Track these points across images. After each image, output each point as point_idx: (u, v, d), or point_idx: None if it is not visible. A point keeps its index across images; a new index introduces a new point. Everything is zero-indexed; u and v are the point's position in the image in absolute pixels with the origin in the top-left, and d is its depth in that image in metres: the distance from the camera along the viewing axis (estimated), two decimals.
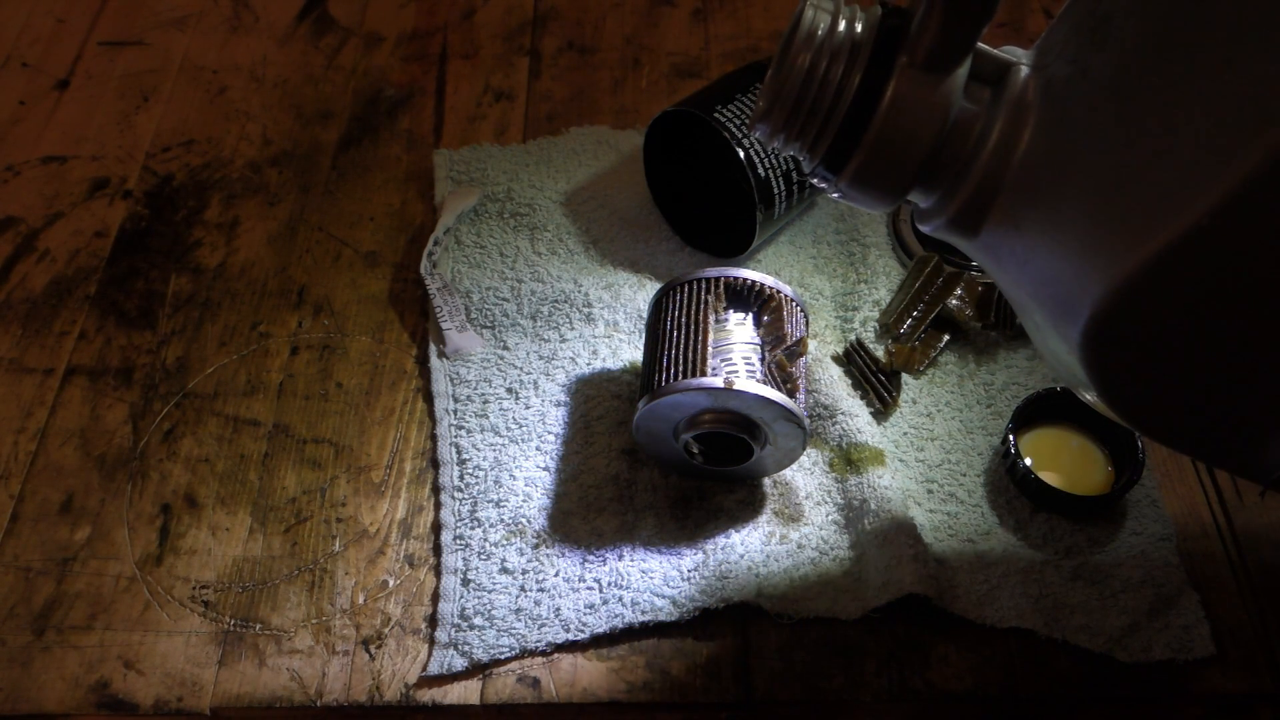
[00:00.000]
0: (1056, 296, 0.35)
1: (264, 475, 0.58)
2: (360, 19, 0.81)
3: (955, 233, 0.39)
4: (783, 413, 0.51)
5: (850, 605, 0.52)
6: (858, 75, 0.38)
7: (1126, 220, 0.32)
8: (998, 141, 0.37)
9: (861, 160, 0.38)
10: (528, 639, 0.51)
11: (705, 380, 0.50)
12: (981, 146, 0.37)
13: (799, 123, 0.39)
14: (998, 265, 0.39)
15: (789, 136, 0.40)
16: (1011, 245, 0.38)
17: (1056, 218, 0.35)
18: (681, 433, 0.53)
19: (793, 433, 0.52)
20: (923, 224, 0.41)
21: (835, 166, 0.39)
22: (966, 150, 0.38)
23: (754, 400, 0.50)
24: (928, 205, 0.40)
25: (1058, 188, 0.36)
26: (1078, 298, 0.34)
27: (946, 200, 0.39)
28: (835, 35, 0.38)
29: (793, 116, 0.39)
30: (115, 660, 0.52)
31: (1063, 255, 0.35)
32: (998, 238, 0.38)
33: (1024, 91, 0.37)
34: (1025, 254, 0.37)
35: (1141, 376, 0.35)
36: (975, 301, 0.61)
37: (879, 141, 0.38)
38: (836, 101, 0.38)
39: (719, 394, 0.50)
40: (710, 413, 0.52)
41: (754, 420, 0.51)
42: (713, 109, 0.60)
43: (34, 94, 0.77)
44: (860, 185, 0.39)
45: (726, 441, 0.53)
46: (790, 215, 0.65)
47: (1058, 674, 0.50)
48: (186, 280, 0.66)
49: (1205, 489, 0.57)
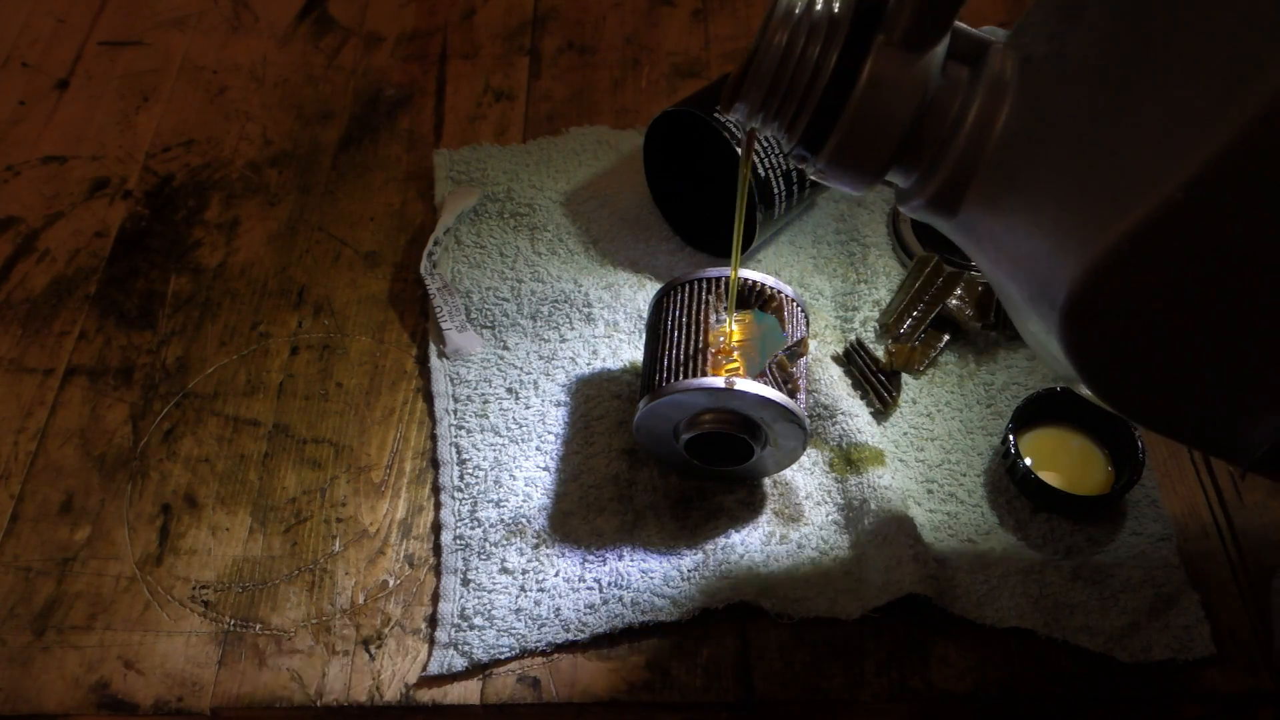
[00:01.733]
0: (1034, 275, 0.35)
1: (264, 475, 0.58)
2: (360, 19, 0.81)
3: (934, 213, 0.39)
4: (783, 413, 0.51)
5: (850, 605, 0.52)
6: (835, 53, 0.37)
7: (1103, 196, 0.32)
8: (975, 120, 0.37)
9: (839, 139, 0.38)
10: (528, 639, 0.51)
11: (706, 380, 0.51)
12: (959, 125, 0.37)
13: (777, 101, 0.39)
14: (977, 246, 0.39)
15: (767, 115, 0.40)
16: (990, 225, 0.37)
17: (1034, 196, 0.35)
18: (682, 433, 0.53)
19: (793, 433, 0.52)
20: (903, 204, 0.40)
21: (814, 145, 0.39)
22: (944, 129, 0.38)
23: (754, 400, 0.50)
24: (906, 185, 0.40)
25: (1035, 165, 0.35)
26: (1056, 276, 0.33)
27: (925, 180, 0.39)
28: (813, 13, 0.38)
29: (770, 95, 0.39)
30: (115, 660, 0.52)
31: (1040, 233, 0.35)
32: (976, 217, 0.38)
33: (1001, 70, 0.37)
34: (1003, 233, 0.37)
35: (1119, 354, 0.35)
36: (975, 301, 0.61)
37: (856, 120, 0.37)
38: (814, 80, 0.38)
39: (719, 394, 0.50)
40: (710, 413, 0.52)
41: (754, 420, 0.51)
42: (713, 109, 0.60)
43: (34, 94, 0.77)
44: (838, 164, 0.39)
45: (727, 441, 0.53)
46: (790, 215, 0.65)
47: (1058, 674, 0.50)
48: (186, 280, 0.66)
49: (1205, 489, 0.57)
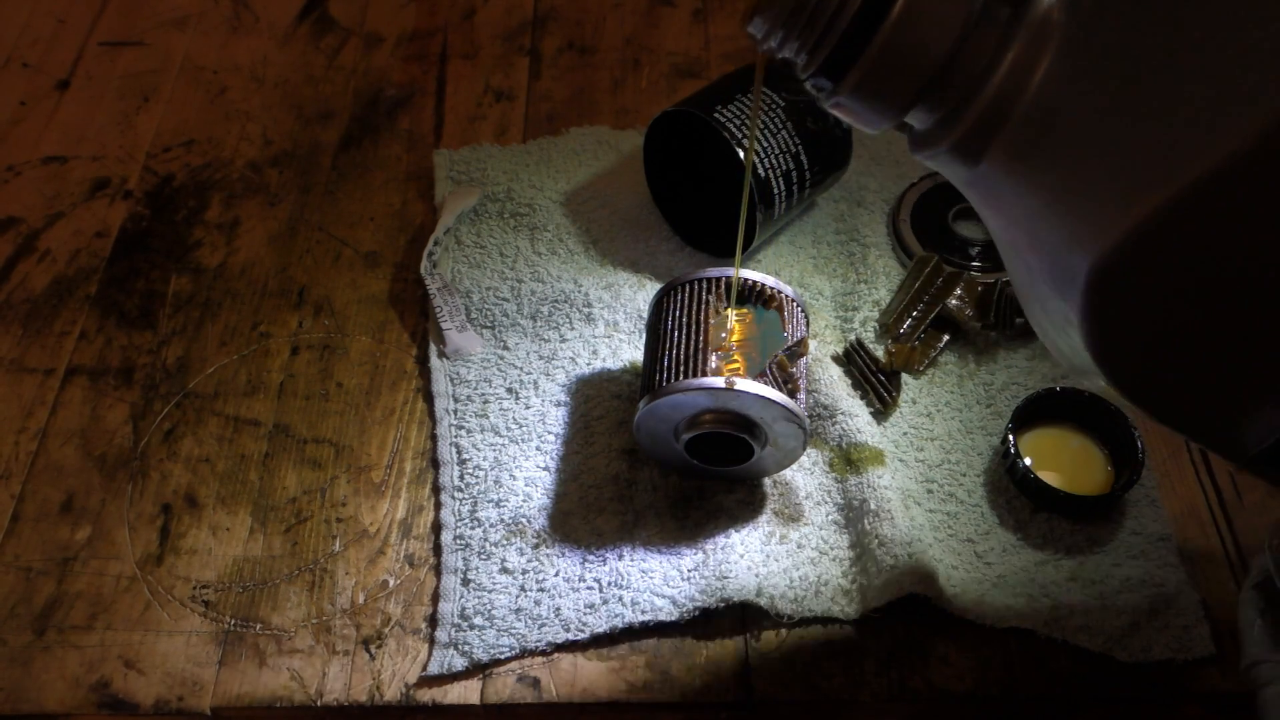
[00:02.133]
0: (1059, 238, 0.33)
1: (264, 475, 0.58)
2: (360, 19, 0.81)
3: (955, 160, 0.37)
4: (783, 413, 0.51)
5: (850, 605, 0.52)
6: None
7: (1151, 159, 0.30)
8: (1014, 63, 0.34)
9: (865, 70, 0.35)
10: (527, 639, 0.51)
11: (706, 380, 0.51)
12: (995, 67, 0.35)
13: (804, 17, 0.36)
14: (995, 204, 0.37)
15: (789, 33, 0.37)
16: (1015, 180, 0.35)
17: (1070, 152, 0.33)
18: (682, 433, 0.53)
19: (793, 433, 0.52)
20: (919, 151, 0.38)
21: (835, 75, 0.36)
22: (978, 70, 0.35)
23: (754, 400, 0.50)
24: (926, 127, 0.38)
25: (1076, 119, 0.33)
26: (1083, 242, 0.32)
27: (949, 124, 0.36)
28: None
29: (795, 14, 0.36)
30: (116, 660, 0.52)
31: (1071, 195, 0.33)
32: (1000, 170, 0.36)
33: (1048, 12, 0.34)
34: (1028, 190, 0.35)
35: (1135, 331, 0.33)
36: (975, 301, 0.61)
37: (887, 49, 0.35)
38: (844, 2, 0.35)
39: (719, 394, 0.50)
40: (711, 413, 0.52)
41: (754, 420, 0.51)
42: (713, 109, 0.60)
43: (34, 94, 0.77)
44: (861, 97, 0.36)
45: (727, 442, 0.53)
46: (790, 215, 0.65)
47: (1058, 674, 0.50)
48: (187, 280, 0.66)
49: (1205, 489, 0.57)
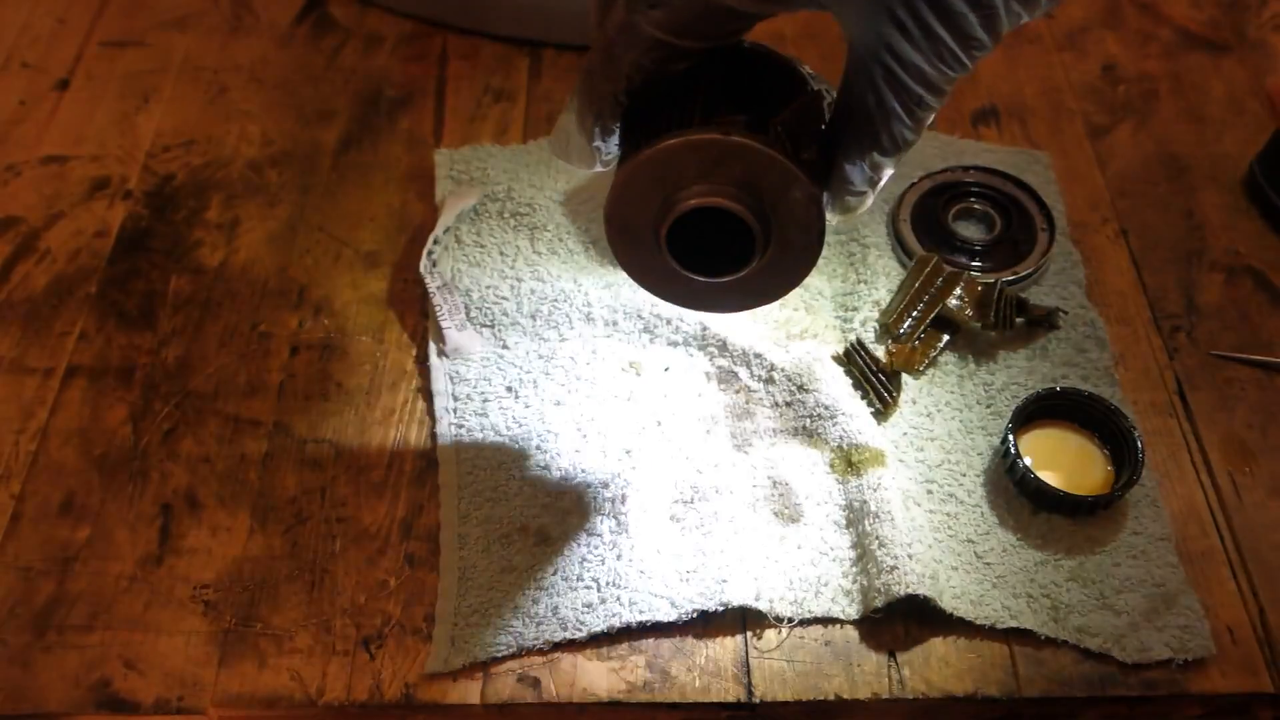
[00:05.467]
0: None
1: (264, 475, 0.58)
2: (360, 19, 0.81)
3: None
4: (790, 176, 0.40)
5: (850, 606, 0.52)
6: None
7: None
8: None
9: None
10: (525, 637, 0.51)
11: (699, 133, 0.39)
12: None
13: None
14: None
15: None
16: None
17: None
18: (669, 212, 0.42)
19: (804, 211, 0.41)
20: None
21: None
22: None
23: (760, 158, 0.40)
24: None
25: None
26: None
27: None
28: None
29: None
30: (116, 660, 0.52)
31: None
32: None
33: None
34: None
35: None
36: (975, 301, 0.61)
37: None
38: None
39: (716, 147, 0.40)
40: (704, 182, 0.41)
41: (758, 191, 0.41)
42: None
43: (34, 94, 0.77)
44: None
45: (722, 226, 0.42)
46: None
47: (1058, 674, 0.50)
48: (187, 280, 0.66)
49: (1205, 489, 0.57)
